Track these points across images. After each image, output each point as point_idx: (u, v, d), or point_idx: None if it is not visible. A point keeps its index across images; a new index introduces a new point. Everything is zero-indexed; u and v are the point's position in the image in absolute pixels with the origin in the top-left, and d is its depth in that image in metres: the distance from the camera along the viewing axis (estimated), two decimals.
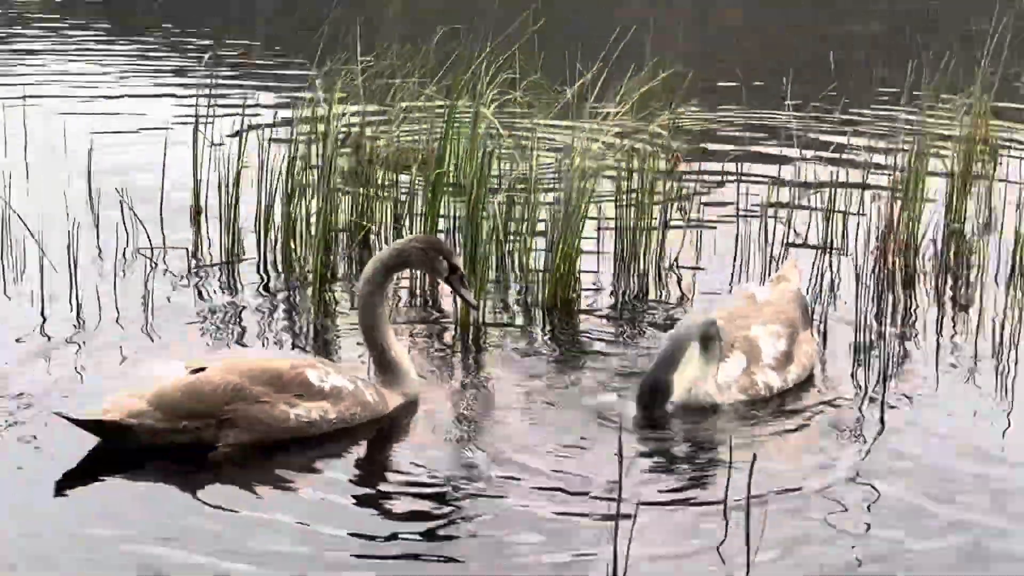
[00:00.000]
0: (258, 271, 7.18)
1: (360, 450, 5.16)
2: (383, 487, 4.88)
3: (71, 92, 12.06)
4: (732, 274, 7.30)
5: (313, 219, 7.17)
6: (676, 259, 7.39)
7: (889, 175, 8.04)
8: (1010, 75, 8.32)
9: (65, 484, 4.74)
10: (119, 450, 4.90)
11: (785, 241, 7.61)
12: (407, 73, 8.30)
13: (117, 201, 7.55)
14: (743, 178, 8.32)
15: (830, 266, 7.38)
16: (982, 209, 8.26)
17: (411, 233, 7.37)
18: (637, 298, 6.99)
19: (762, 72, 12.40)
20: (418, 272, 6.67)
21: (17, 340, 6.03)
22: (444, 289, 6.26)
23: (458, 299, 5.87)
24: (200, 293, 6.84)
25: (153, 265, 7.03)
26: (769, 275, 7.04)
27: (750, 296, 5.90)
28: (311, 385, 5.08)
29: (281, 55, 14.92)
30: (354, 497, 4.76)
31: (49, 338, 6.08)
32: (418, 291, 6.90)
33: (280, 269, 7.23)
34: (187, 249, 7.36)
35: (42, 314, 6.34)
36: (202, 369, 5.03)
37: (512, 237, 7.05)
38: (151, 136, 9.34)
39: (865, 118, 10.51)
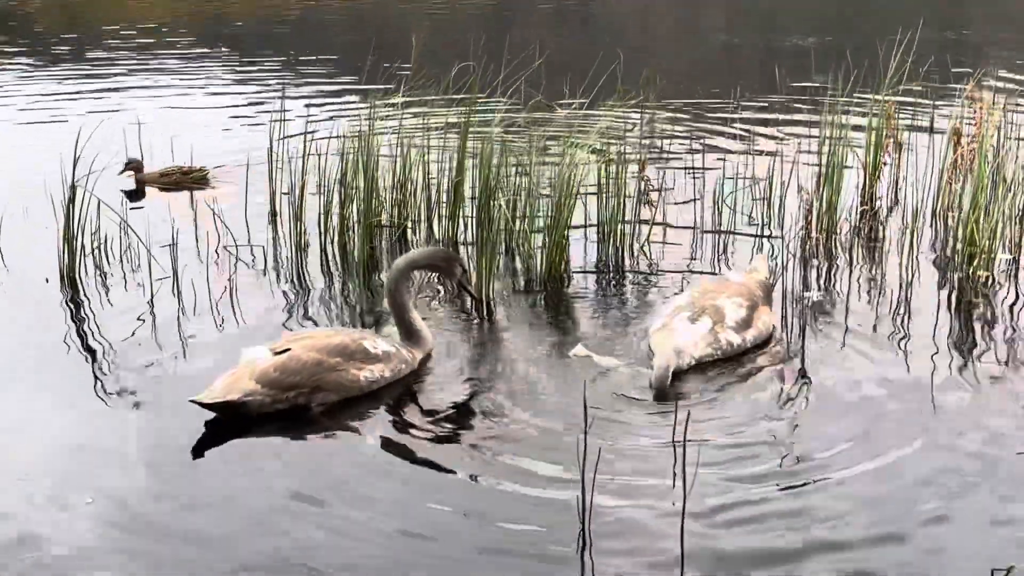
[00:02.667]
0: (320, 262, 7.17)
1: (408, 397, 5.30)
2: (431, 421, 5.05)
3: (175, 116, 11.95)
4: (690, 248, 7.28)
5: (361, 218, 7.19)
6: (647, 239, 7.39)
7: (814, 166, 7.99)
8: (915, 77, 8.22)
9: (201, 451, 4.79)
10: (233, 422, 4.96)
11: (732, 222, 7.59)
12: (435, 95, 8.30)
13: (209, 209, 7.59)
14: (697, 172, 8.31)
15: (768, 240, 7.39)
16: (888, 193, 8.20)
17: (439, 227, 7.48)
18: (615, 271, 7.00)
19: (715, 82, 12.29)
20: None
21: (131, 327, 6.09)
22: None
23: (464, 293, 6.04)
24: (274, 282, 6.84)
25: (237, 259, 7.05)
26: (718, 247, 7.16)
27: (724, 279, 5.97)
28: (368, 352, 5.25)
29: (339, 77, 14.88)
30: (413, 433, 4.92)
31: (156, 324, 6.13)
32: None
33: (336, 260, 7.23)
34: (263, 245, 7.37)
35: (151, 304, 6.38)
36: (285, 350, 5.12)
37: (516, 226, 7.08)
38: (238, 153, 9.32)
39: (797, 119, 10.41)
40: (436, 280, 6.48)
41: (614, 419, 4.94)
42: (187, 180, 8.50)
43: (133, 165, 8.74)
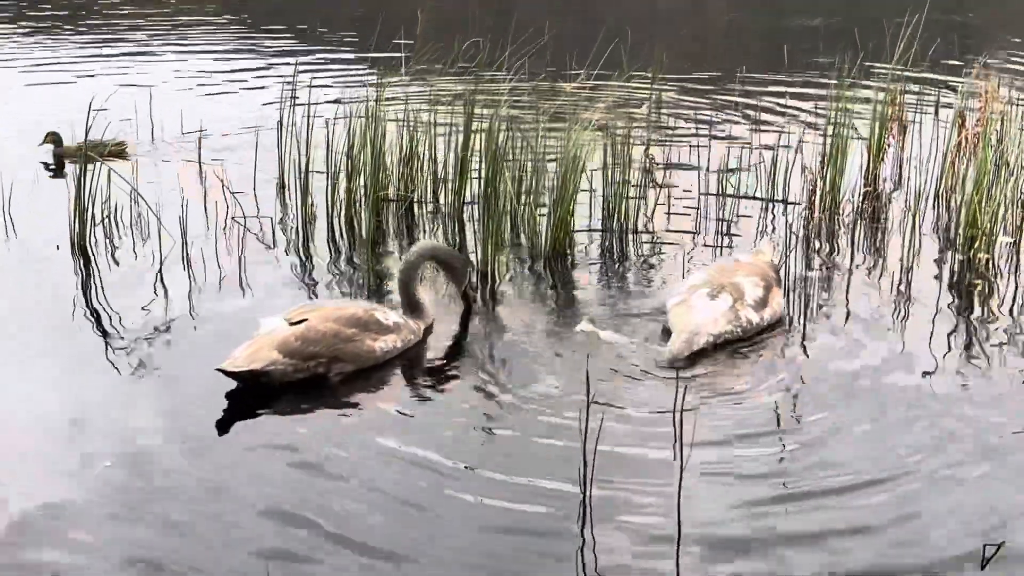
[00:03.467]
0: (327, 235, 7.19)
1: (416, 369, 5.39)
2: (440, 392, 5.13)
3: (185, 85, 11.87)
4: (695, 225, 7.29)
5: (368, 191, 7.20)
6: (650, 216, 7.41)
7: (819, 146, 7.98)
8: (921, 59, 8.21)
9: (225, 420, 4.84)
10: (252, 390, 5.01)
11: (736, 200, 7.59)
12: (442, 70, 8.30)
13: (218, 180, 7.58)
14: (702, 149, 8.29)
15: (771, 220, 7.42)
16: (892, 174, 8.20)
17: (445, 201, 7.51)
18: (619, 247, 7.03)
19: (721, 60, 12.25)
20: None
21: (142, 296, 6.12)
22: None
23: (465, 301, 6.05)
24: (282, 253, 6.87)
25: (246, 230, 7.06)
26: (722, 228, 7.19)
27: (735, 260, 5.98)
28: (381, 323, 5.33)
29: (347, 51, 14.83)
30: (423, 402, 5.02)
31: (167, 294, 6.16)
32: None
33: (343, 232, 7.25)
34: (271, 217, 7.39)
35: (160, 274, 6.40)
36: (301, 321, 5.17)
37: (522, 200, 7.11)
38: (247, 124, 9.33)
39: (803, 99, 10.39)
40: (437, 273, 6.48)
41: (617, 394, 4.98)
42: (106, 153, 8.15)
43: (52, 138, 8.67)
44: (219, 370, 4.91)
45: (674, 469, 4.28)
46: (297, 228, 7.28)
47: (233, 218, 7.26)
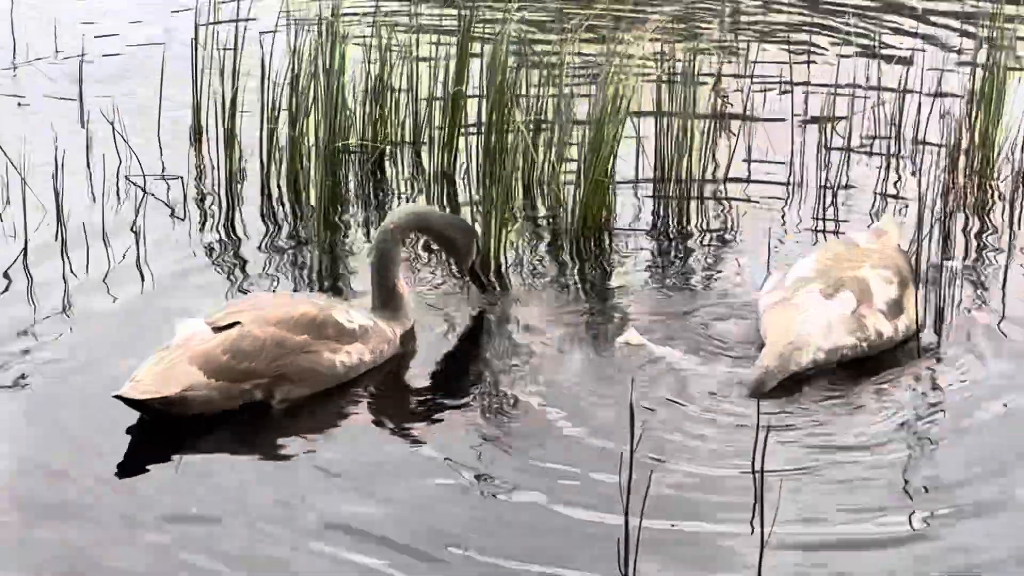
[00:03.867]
0: (261, 199, 7.22)
1: (394, 390, 5.51)
2: (426, 427, 5.23)
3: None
4: (785, 196, 7.34)
5: (321, 141, 7.17)
6: (723, 178, 7.43)
7: (964, 78, 7.95)
8: None
9: (123, 467, 4.89)
10: (166, 424, 5.06)
11: (844, 160, 7.60)
12: None
13: (108, 123, 7.57)
14: (797, 88, 8.29)
15: (894, 186, 7.46)
16: None
17: (430, 157, 7.56)
18: (677, 222, 7.07)
19: None
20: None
21: (1, 285, 6.17)
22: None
23: (474, 284, 6.14)
24: (197, 226, 6.89)
25: (146, 194, 7.06)
26: (825, 196, 7.24)
27: (853, 243, 6.03)
28: (342, 327, 5.40)
29: None
30: (404, 441, 5.10)
31: (33, 283, 6.19)
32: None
33: (284, 196, 7.28)
34: (182, 177, 7.40)
35: (25, 254, 6.40)
36: (232, 325, 5.21)
37: (540, 158, 7.13)
38: (148, 42, 9.33)
39: (943, 13, 10.34)
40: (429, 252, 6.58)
41: (672, 433, 5.02)
42: None
43: None
44: (118, 397, 4.94)
45: (751, 550, 4.29)
46: (219, 192, 7.29)
47: (128, 177, 7.26)
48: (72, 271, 6.27)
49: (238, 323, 5.21)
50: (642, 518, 4.17)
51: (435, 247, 6.31)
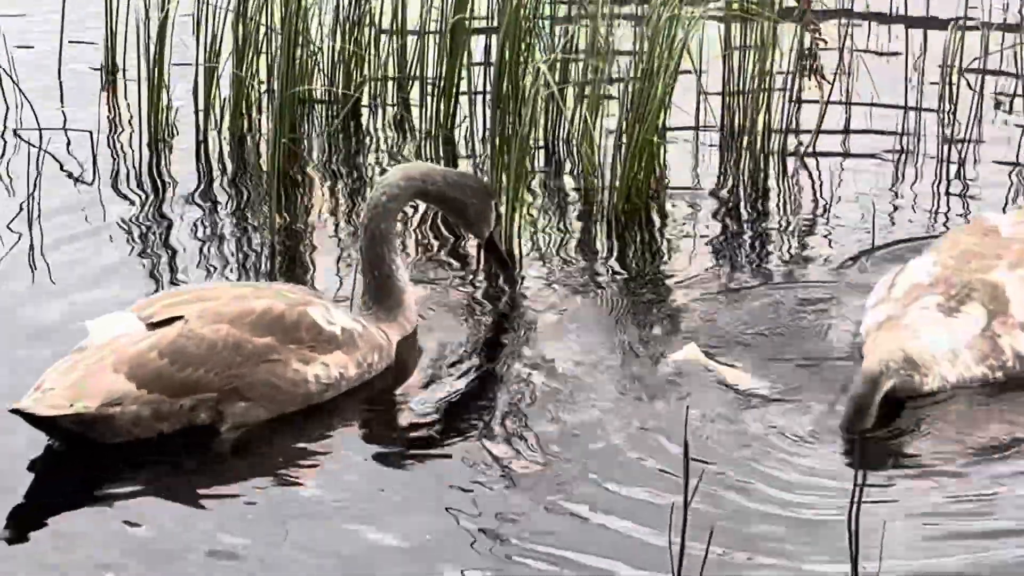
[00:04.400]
0: (198, 160, 7.32)
1: (381, 411, 5.62)
2: (423, 456, 5.28)
3: None
4: (896, 154, 7.45)
5: (274, 85, 7.24)
6: (811, 147, 7.48)
7: None
8: None
9: (27, 503, 4.94)
10: (80, 450, 5.11)
11: (975, 112, 7.62)
12: None
13: None
14: (912, 18, 8.38)
15: None
16: None
17: (422, 107, 7.60)
18: (749, 199, 7.15)
19: None
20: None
21: None
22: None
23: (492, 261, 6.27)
24: (112, 190, 6.99)
25: (44, 151, 7.02)
26: (950, 155, 7.34)
27: (991, 229, 6.01)
28: (320, 329, 5.40)
29: None
30: (392, 478, 5.14)
31: None
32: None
33: (228, 157, 7.37)
34: (91, 132, 7.42)
35: None
36: (170, 321, 5.20)
37: (568, 110, 7.18)
38: None
39: None
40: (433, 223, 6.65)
41: (739, 473, 5.10)
42: None
43: None
44: (16, 411, 4.97)
45: None
46: (140, 146, 7.39)
47: (16, 132, 7.39)
48: None
49: (180, 318, 5.19)
50: (705, 564, 4.25)
51: (443, 213, 6.34)
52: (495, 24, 7.13)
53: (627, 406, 5.47)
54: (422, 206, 6.62)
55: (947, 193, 7.11)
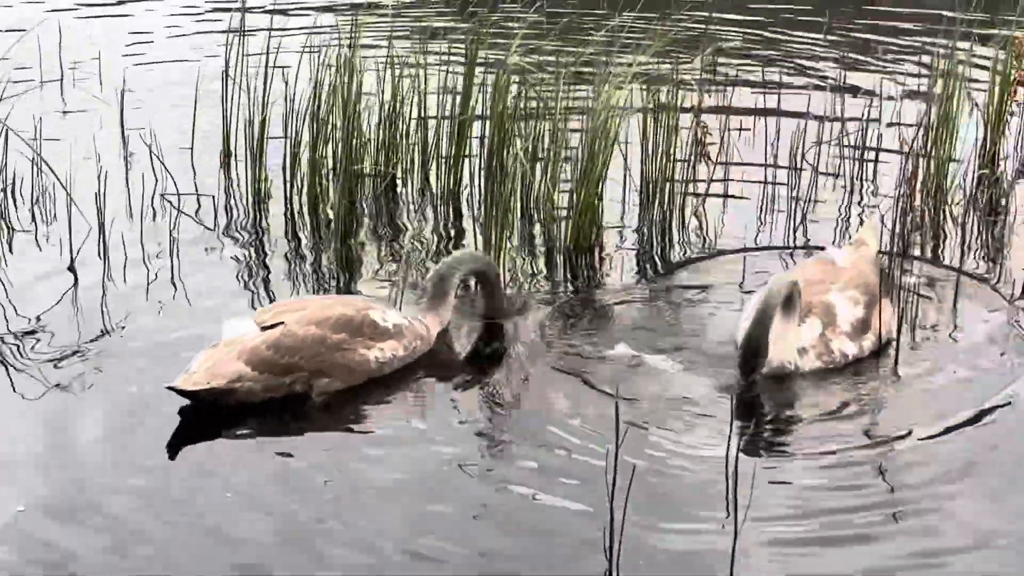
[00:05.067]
0: (285, 217, 7.28)
1: (421, 383, 5.60)
2: (439, 419, 5.32)
3: (103, 26, 11.62)
4: (758, 216, 7.35)
5: (338, 164, 7.24)
6: (702, 202, 7.45)
7: (921, 114, 7.85)
8: None
9: (173, 453, 5.00)
10: (214, 415, 5.18)
11: (813, 183, 7.59)
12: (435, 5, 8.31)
13: (146, 145, 7.62)
14: (770, 117, 8.33)
15: (858, 205, 7.49)
16: (1015, 152, 8.11)
17: (437, 179, 7.61)
18: (662, 240, 7.09)
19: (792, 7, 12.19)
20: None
21: (50, 296, 6.20)
22: None
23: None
24: (226, 240, 6.96)
25: (180, 212, 7.09)
26: (794, 220, 7.23)
27: (829, 261, 5.95)
28: (377, 325, 5.47)
29: None
30: (423, 429, 5.20)
31: (79, 292, 6.25)
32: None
33: (306, 215, 7.31)
34: (213, 196, 7.44)
35: (71, 267, 6.49)
36: (275, 324, 5.32)
37: (536, 179, 7.14)
38: (182, 76, 9.33)
39: (902, 52, 10.38)
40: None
41: (656, 434, 5.06)
42: None
43: None
44: (171, 388, 5.06)
45: (723, 536, 4.34)
46: (246, 209, 7.35)
47: (164, 195, 7.31)
48: (111, 278, 6.37)
49: (282, 323, 5.31)
50: (625, 511, 4.20)
51: (477, 286, 6.24)
52: (490, 119, 7.08)
53: (576, 385, 5.44)
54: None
55: (794, 240, 7.07)
